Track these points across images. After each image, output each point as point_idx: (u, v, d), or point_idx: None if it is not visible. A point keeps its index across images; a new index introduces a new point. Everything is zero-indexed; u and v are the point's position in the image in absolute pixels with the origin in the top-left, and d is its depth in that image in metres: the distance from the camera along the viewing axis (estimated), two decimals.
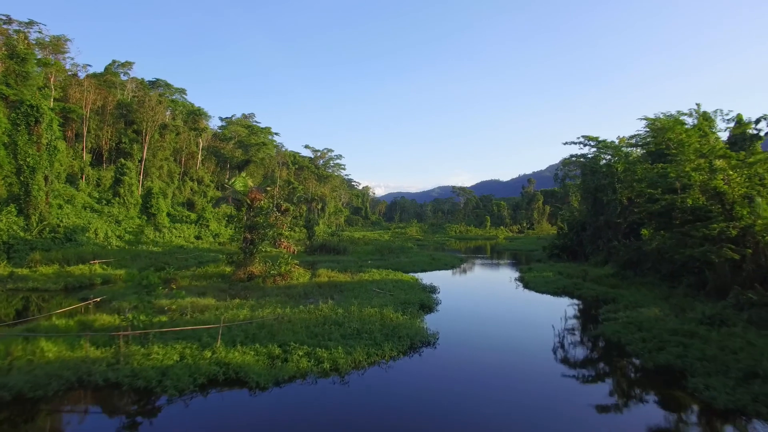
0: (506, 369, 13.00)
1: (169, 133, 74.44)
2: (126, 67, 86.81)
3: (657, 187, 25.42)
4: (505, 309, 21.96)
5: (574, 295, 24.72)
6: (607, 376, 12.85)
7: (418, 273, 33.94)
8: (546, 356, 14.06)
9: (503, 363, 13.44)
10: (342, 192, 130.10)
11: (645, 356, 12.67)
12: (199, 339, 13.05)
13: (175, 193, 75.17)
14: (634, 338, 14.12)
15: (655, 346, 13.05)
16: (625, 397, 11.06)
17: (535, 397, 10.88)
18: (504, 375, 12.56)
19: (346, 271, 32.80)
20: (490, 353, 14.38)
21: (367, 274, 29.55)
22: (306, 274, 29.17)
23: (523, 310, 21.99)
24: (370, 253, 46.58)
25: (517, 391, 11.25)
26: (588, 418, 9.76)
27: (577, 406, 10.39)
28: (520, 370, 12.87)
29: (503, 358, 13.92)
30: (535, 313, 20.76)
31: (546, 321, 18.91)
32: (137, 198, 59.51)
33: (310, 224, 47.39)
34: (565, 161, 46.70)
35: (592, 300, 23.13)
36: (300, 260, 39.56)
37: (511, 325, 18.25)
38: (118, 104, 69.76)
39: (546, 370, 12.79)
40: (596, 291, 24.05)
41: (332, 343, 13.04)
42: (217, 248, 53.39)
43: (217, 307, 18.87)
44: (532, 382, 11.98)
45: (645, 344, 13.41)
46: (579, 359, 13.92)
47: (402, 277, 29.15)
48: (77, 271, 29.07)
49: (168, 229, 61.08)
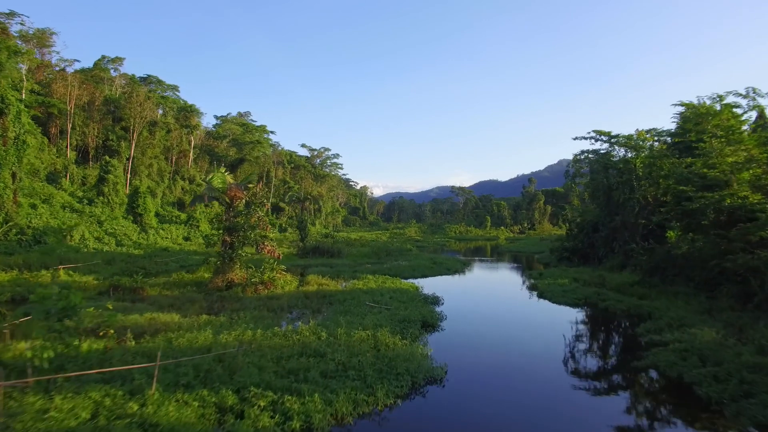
0: (537, 416, 9.66)
1: (159, 130, 70.95)
2: (116, 63, 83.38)
3: (689, 183, 22.14)
4: (521, 327, 18.52)
5: (598, 307, 21.36)
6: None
7: (418, 279, 30.58)
8: (594, 404, 10.70)
9: (530, 409, 10.11)
10: (339, 192, 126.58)
11: (731, 408, 9.27)
12: (133, 379, 9.68)
13: (166, 193, 71.70)
14: (702, 376, 10.77)
15: (739, 391, 9.69)
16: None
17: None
18: (536, 427, 9.23)
19: (339, 277, 29.43)
20: (512, 394, 11.05)
21: (362, 281, 26.19)
22: (293, 281, 25.79)
23: (544, 327, 18.59)
24: (367, 256, 43.18)
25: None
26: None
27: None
28: (557, 418, 9.53)
29: (529, 401, 10.59)
30: (558, 332, 17.38)
31: (575, 346, 15.58)
32: (123, 197, 56.03)
33: (303, 225, 43.96)
34: (576, 157, 43.30)
35: (622, 315, 19.76)
36: (290, 264, 36.26)
37: (533, 351, 14.77)
38: (106, 100, 66.33)
39: (599, 420, 9.45)
40: (625, 303, 20.65)
41: (308, 387, 9.67)
42: (205, 251, 50.03)
43: (180, 325, 15.52)
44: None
45: (721, 387, 10.03)
46: (642, 408, 10.49)
47: (400, 284, 25.79)
48: (36, 278, 25.63)
49: (155, 230, 57.77)
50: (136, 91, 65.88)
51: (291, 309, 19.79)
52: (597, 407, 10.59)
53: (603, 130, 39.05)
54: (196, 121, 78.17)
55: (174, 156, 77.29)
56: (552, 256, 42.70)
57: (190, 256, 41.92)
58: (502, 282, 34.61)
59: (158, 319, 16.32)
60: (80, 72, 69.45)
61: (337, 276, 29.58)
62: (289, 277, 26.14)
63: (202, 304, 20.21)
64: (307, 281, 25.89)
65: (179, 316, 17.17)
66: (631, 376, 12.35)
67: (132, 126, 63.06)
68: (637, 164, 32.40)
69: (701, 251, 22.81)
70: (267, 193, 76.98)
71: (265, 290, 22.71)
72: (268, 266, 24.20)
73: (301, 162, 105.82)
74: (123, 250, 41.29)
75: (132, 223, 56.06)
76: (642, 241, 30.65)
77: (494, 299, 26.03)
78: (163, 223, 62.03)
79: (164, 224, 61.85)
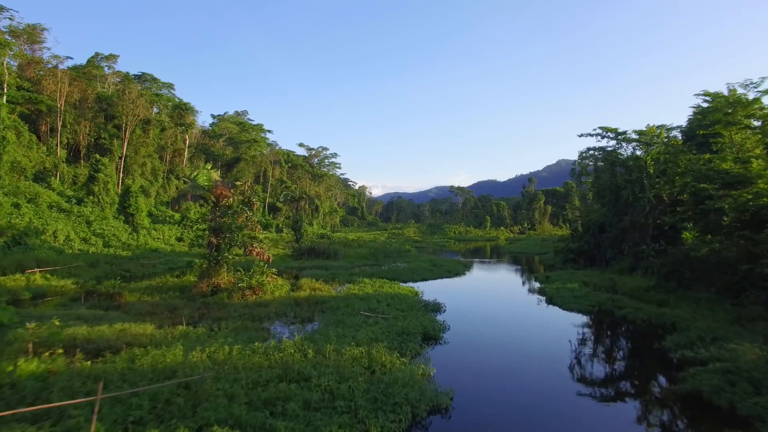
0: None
1: (153, 128, 69.07)
2: (110, 60, 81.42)
3: (709, 180, 20.40)
4: (534, 340, 16.58)
5: (615, 315, 19.55)
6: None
7: (417, 283, 28.77)
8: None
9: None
10: (337, 191, 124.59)
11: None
12: (70, 416, 7.86)
13: (160, 192, 69.79)
14: (758, 407, 8.97)
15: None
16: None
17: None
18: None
19: (334, 280, 27.60)
20: (533, 429, 9.27)
21: (357, 286, 24.39)
22: (285, 285, 23.96)
23: (559, 340, 16.69)
24: (364, 258, 41.38)
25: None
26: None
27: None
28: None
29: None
30: (575, 346, 15.59)
31: (596, 362, 13.82)
32: (114, 197, 54.12)
33: (298, 225, 42.11)
34: (582, 155, 41.51)
35: (643, 324, 17.93)
36: (285, 266, 34.48)
37: (550, 371, 12.91)
38: (98, 97, 64.40)
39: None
40: (644, 311, 18.80)
41: (285, 424, 7.88)
42: (197, 251, 48.26)
43: (152, 338, 13.72)
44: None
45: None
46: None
47: (399, 289, 23.98)
48: (10, 282, 23.83)
49: (147, 230, 55.98)
50: (128, 88, 63.90)
51: (280, 316, 18.01)
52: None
53: (610, 127, 37.34)
54: (191, 119, 76.18)
55: (169, 155, 75.38)
56: (557, 258, 40.97)
57: (180, 258, 40.11)
58: (507, 286, 32.81)
59: (129, 330, 14.49)
60: (72, 69, 67.43)
61: (332, 279, 27.77)
62: (281, 281, 24.33)
63: (184, 312, 18.39)
64: (300, 285, 24.07)
65: (153, 326, 15.36)
66: (675, 405, 10.48)
67: (124, 124, 61.17)
68: (648, 161, 30.62)
69: (722, 254, 21.07)
70: (258, 192, 75.00)
71: (253, 296, 20.90)
72: (258, 269, 22.37)
73: (298, 161, 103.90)
74: (110, 251, 39.44)
75: (123, 224, 54.30)
76: (652, 243, 28.91)
77: (501, 305, 24.20)
78: (157, 224, 60.18)
79: (157, 224, 60.03)
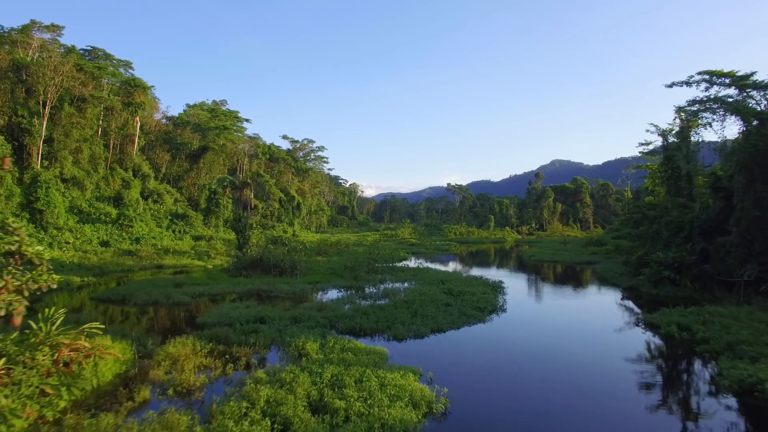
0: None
1: (92, 107, 53.51)
2: (53, 31, 65.65)
3: None
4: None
5: None
6: None
7: (426, 338, 13.84)
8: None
9: None
10: (325, 188, 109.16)
11: None
12: None
13: (100, 185, 54.15)
14: None
15: None
16: None
17: None
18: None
19: (229, 353, 12.53)
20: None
21: (271, 388, 9.41)
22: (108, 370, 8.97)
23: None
24: (336, 274, 26.22)
25: None
26: None
27: None
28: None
29: None
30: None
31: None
32: (11, 187, 38.90)
33: (242, 226, 26.92)
34: (680, 111, 25.16)
35: None
36: (205, 291, 19.58)
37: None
38: (13, 65, 48.90)
39: None
40: None
41: None
42: (100, 262, 33.40)
43: None
44: None
45: None
46: None
47: (389, 389, 9.02)
48: None
49: (60, 231, 40.95)
50: (49, 52, 48.51)
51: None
52: None
53: (718, 70, 22.73)
54: (142, 98, 60.57)
55: (117, 141, 59.85)
56: (627, 274, 26.24)
57: None
58: (613, 348, 14.09)
59: None
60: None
61: (226, 350, 12.66)
62: (106, 364, 9.32)
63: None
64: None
65: None
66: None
67: (43, 96, 45.75)
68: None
69: None
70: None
71: None
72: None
73: (280, 154, 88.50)
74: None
75: (28, 222, 39.32)
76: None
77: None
78: (86, 223, 45.18)
79: (87, 224, 45.05)
